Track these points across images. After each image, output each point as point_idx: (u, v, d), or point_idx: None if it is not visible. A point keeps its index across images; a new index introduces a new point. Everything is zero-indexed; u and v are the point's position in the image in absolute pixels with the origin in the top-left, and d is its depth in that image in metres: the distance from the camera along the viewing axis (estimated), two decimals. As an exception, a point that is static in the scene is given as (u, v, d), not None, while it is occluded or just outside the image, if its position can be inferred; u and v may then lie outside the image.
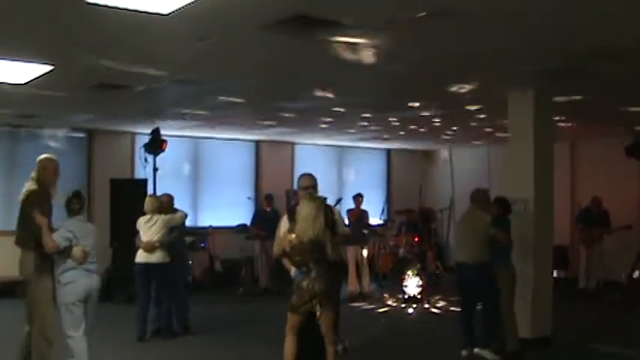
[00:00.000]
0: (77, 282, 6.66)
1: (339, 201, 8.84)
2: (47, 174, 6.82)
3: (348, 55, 6.81)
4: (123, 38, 6.31)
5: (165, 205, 9.78)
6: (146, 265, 9.32)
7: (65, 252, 6.60)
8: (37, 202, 6.61)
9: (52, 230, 6.58)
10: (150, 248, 9.27)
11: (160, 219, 9.41)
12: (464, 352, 8.44)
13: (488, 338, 8.37)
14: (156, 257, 9.29)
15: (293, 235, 6.58)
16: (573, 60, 7.13)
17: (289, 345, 6.64)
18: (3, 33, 6.16)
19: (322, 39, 6.16)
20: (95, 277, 6.91)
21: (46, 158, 6.93)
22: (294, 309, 6.60)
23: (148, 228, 9.37)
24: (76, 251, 6.62)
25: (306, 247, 6.50)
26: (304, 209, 6.61)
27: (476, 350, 8.36)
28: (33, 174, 6.81)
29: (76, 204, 6.89)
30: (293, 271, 6.69)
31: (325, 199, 9.04)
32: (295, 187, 15.50)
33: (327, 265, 6.55)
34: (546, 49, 6.75)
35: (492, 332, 8.38)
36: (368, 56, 6.89)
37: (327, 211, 6.85)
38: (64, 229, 6.65)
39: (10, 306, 6.97)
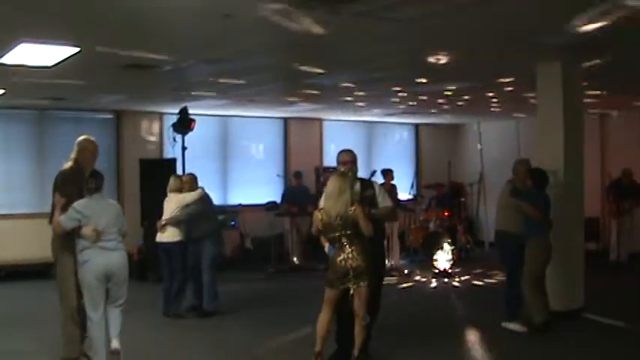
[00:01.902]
0: (93, 260, 6.50)
1: (373, 173, 8.81)
2: (86, 155, 6.89)
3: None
4: (146, 18, 6.31)
5: (186, 184, 9.78)
6: (161, 244, 9.61)
7: (74, 232, 6.53)
8: (61, 183, 6.69)
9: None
10: (160, 227, 9.55)
11: (175, 199, 9.56)
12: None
13: (513, 311, 8.41)
14: (166, 236, 9.52)
15: (319, 214, 6.62)
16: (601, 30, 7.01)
17: (323, 316, 6.67)
18: (28, 16, 6.17)
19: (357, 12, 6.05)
20: (114, 255, 6.66)
21: (85, 139, 6.98)
22: (330, 284, 6.64)
23: (165, 208, 9.61)
24: (86, 230, 6.48)
25: (335, 224, 6.51)
26: (329, 186, 6.64)
27: (503, 324, 8.41)
28: (72, 154, 6.86)
29: (92, 183, 6.68)
30: (327, 247, 6.71)
31: (374, 172, 9.01)
32: (324, 163, 15.82)
33: (361, 241, 6.54)
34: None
35: (513, 305, 8.42)
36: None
37: (366, 187, 6.94)
38: (72, 210, 6.53)
39: (47, 287, 6.99)
